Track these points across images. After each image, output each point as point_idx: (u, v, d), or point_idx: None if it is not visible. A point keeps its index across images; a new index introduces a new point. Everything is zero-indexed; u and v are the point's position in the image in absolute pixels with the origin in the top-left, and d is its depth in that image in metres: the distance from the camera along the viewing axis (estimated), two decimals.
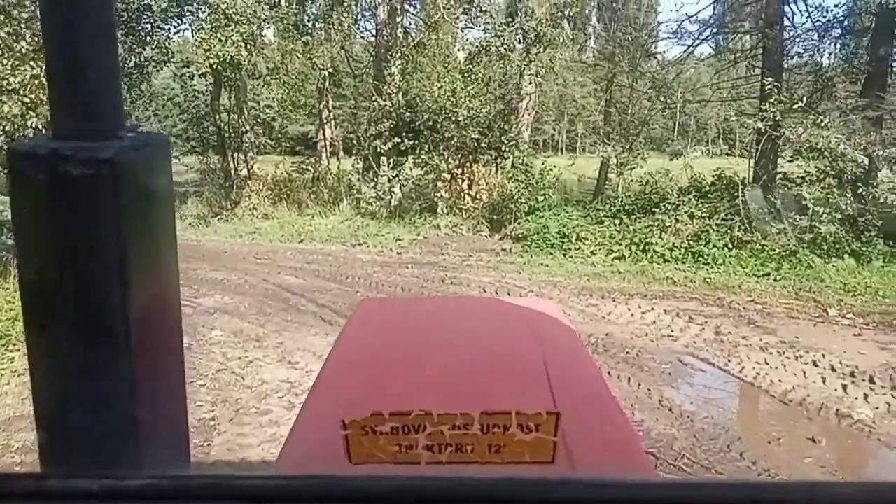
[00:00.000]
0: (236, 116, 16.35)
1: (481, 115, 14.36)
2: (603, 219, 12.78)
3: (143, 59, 14.82)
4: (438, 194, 14.60)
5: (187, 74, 16.04)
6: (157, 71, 16.73)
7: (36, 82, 8.70)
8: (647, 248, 11.64)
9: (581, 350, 2.34)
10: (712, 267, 10.83)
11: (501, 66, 14.27)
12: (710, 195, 12.56)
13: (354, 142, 16.26)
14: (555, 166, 13.75)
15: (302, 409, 1.85)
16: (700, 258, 11.13)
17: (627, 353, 6.97)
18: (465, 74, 13.54)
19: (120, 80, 0.61)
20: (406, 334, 2.31)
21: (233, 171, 16.55)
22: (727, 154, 19.48)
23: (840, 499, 0.50)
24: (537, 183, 13.34)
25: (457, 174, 14.69)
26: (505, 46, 12.78)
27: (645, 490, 0.52)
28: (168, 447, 0.63)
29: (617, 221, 12.54)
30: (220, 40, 13.49)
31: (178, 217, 15.50)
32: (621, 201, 12.94)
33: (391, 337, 2.31)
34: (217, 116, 16.43)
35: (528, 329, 2.29)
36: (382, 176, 15.05)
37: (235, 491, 0.49)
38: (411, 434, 1.19)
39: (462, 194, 14.60)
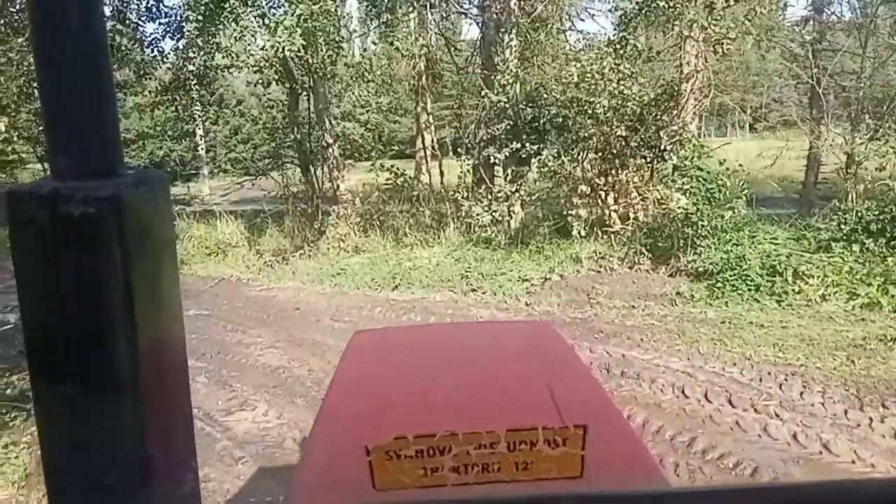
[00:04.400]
0: (317, 128, 13.34)
1: (628, 105, 10.53)
2: (830, 243, 8.63)
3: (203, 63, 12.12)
4: (574, 213, 10.88)
5: (262, 81, 13.30)
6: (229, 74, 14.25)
7: None
8: None
9: (582, 367, 2.25)
10: None
11: (657, 32, 10.30)
12: None
13: (461, 150, 12.80)
14: (739, 165, 9.62)
15: (310, 439, 1.76)
16: None
17: None
18: (615, 48, 9.63)
19: (117, 116, 0.57)
20: (407, 361, 2.26)
21: (316, 194, 13.60)
22: None
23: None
24: (719, 191, 9.32)
25: (598, 185, 10.93)
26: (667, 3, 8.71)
27: (676, 500, 0.54)
28: (179, 491, 0.62)
29: (856, 247, 8.36)
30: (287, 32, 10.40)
31: (255, 253, 12.78)
32: (858, 214, 8.66)
33: (393, 364, 2.26)
34: (295, 128, 13.52)
35: (528, 350, 2.32)
36: (499, 191, 11.53)
37: None
38: (437, 456, 1.16)
39: (607, 212, 10.83)
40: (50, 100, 0.55)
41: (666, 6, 8.67)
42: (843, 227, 8.69)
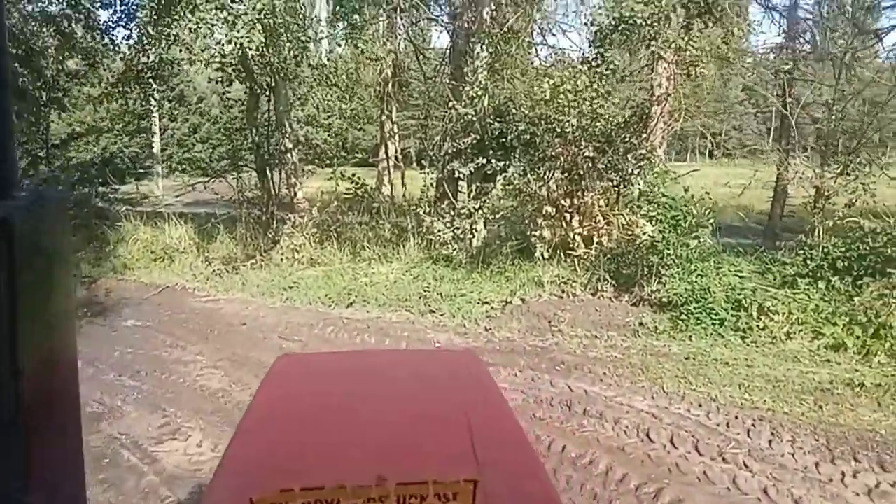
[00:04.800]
0: (276, 131, 12.79)
1: (597, 125, 10.28)
2: (796, 278, 8.48)
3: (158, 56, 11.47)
4: (538, 233, 10.56)
5: (221, 79, 12.67)
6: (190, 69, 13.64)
7: None
8: (883, 332, 7.31)
9: (499, 399, 2.19)
10: None
11: (625, 53, 10.07)
12: None
13: (425, 162, 12.40)
14: (706, 193, 9.41)
15: (211, 482, 1.65)
16: None
17: None
18: (590, 64, 9.33)
19: (13, 138, 0.56)
20: (322, 394, 2.18)
21: (272, 200, 13.03)
22: None
23: None
24: (685, 219, 9.09)
25: (563, 206, 10.65)
26: (647, 18, 8.43)
27: None
28: None
29: (822, 284, 8.22)
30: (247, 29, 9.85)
31: (204, 261, 12.13)
32: (825, 251, 8.53)
33: (306, 397, 2.19)
34: (254, 130, 12.94)
35: (449, 381, 2.28)
36: (462, 207, 11.16)
37: None
38: None
39: (571, 234, 10.55)
40: None
41: (643, 24, 8.42)
42: (809, 262, 8.56)
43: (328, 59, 12.87)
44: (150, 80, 12.47)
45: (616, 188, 10.69)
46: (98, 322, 9.02)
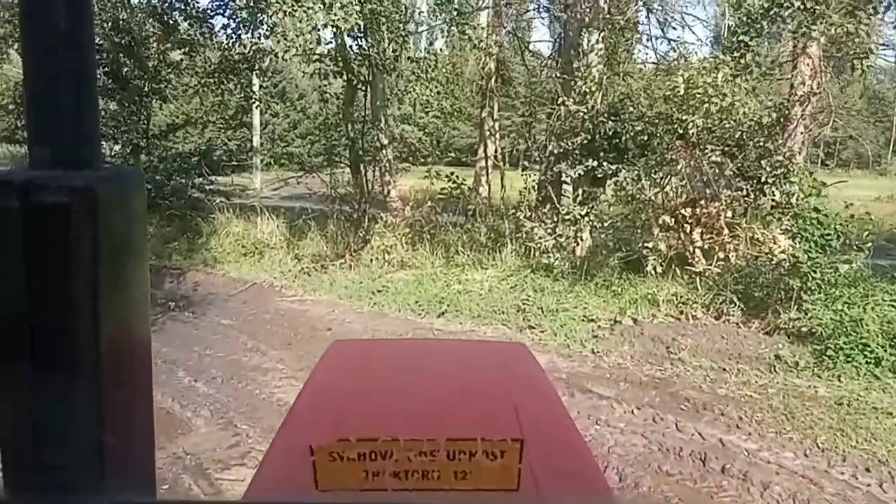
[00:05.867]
0: (372, 126, 12.24)
1: (727, 126, 9.09)
2: None
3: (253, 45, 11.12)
4: (651, 245, 9.45)
5: (319, 71, 12.24)
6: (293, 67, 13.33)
7: None
8: None
9: (548, 386, 2.24)
10: None
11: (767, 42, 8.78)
12: None
13: (527, 163, 11.48)
14: (867, 213, 8.05)
15: (274, 439, 1.79)
16: None
17: None
18: (732, 56, 8.10)
19: (97, 111, 0.59)
20: (376, 372, 2.32)
21: (364, 198, 12.49)
22: None
23: None
24: (837, 238, 7.77)
25: (683, 216, 9.50)
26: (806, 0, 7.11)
27: None
28: (133, 474, 0.62)
29: None
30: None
31: (293, 258, 11.74)
32: None
33: (361, 374, 2.32)
34: (349, 125, 12.45)
35: (498, 367, 2.35)
36: (567, 213, 10.19)
37: None
38: (378, 460, 1.19)
39: (691, 248, 9.40)
40: (33, 90, 0.55)
41: (801, 7, 7.13)
42: None
43: (428, 52, 12.19)
44: (247, 71, 12.17)
45: (745, 198, 9.43)
46: (181, 318, 8.69)
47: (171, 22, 12.55)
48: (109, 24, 12.01)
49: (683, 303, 8.70)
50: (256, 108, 15.52)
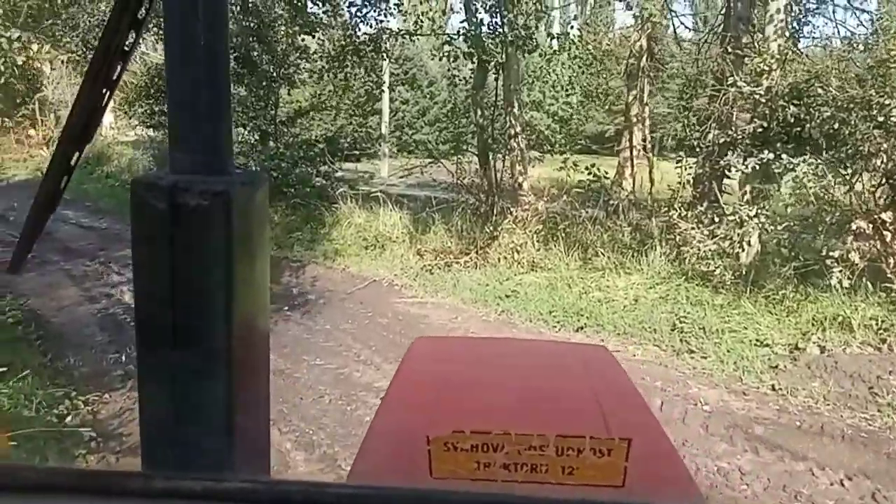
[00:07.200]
0: (503, 112, 11.18)
1: None
2: None
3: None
4: (838, 254, 7.75)
5: (448, 53, 11.35)
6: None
7: None
8: None
9: (631, 388, 2.23)
10: None
11: None
12: None
13: (683, 153, 9.94)
14: None
15: (372, 426, 1.81)
16: None
17: None
18: None
19: (231, 119, 0.63)
20: (465, 367, 2.33)
21: (493, 190, 11.49)
22: None
23: None
24: None
25: (882, 221, 7.73)
26: None
27: None
28: (254, 453, 0.67)
29: None
30: None
31: (415, 253, 10.98)
32: None
33: (451, 368, 2.32)
34: (478, 111, 11.47)
35: (585, 368, 2.35)
36: (732, 213, 8.65)
37: (328, 497, 0.51)
38: (490, 452, 1.21)
39: (892, 260, 7.63)
40: (176, 100, 0.60)
41: None
42: None
43: (570, 27, 10.94)
44: (372, 54, 11.48)
45: None
46: (295, 318, 8.08)
47: (299, 4, 12.12)
48: (238, 6, 11.77)
49: (885, 329, 6.99)
50: (384, 94, 14.92)
